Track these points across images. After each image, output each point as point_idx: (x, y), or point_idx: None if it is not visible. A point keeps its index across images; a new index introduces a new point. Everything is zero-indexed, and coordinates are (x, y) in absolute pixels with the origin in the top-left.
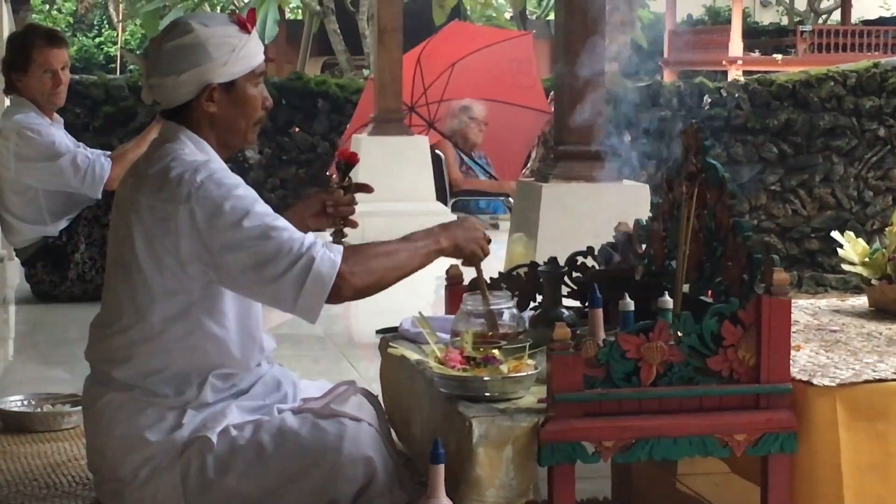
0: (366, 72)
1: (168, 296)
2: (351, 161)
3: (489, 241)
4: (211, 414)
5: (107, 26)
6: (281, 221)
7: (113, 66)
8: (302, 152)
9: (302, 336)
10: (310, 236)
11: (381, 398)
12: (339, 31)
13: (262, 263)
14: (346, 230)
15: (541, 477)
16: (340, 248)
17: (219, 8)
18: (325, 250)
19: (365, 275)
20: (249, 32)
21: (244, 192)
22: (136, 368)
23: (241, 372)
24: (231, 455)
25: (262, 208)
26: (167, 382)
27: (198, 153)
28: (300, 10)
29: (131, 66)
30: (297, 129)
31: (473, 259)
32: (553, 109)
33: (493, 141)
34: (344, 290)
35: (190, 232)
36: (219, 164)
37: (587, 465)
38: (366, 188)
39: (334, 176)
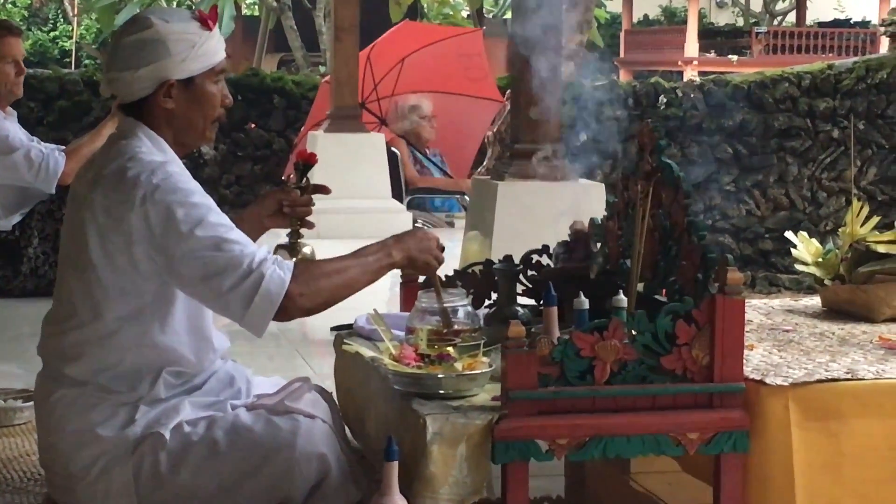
0: (322, 69)
1: (121, 295)
2: (309, 162)
3: (443, 248)
4: (164, 410)
5: (62, 20)
6: (234, 234)
7: (68, 60)
8: (257, 149)
9: None
10: (262, 251)
11: (335, 395)
12: (295, 27)
13: (211, 275)
14: (303, 230)
15: (494, 475)
16: (291, 265)
17: (175, 3)
18: (275, 268)
19: (313, 295)
20: (210, 29)
21: (199, 200)
22: (88, 365)
23: (194, 371)
24: (184, 451)
25: (216, 218)
26: (120, 378)
27: (155, 151)
28: (257, 7)
29: (87, 61)
30: (252, 126)
31: (427, 270)
32: (509, 108)
33: (447, 134)
34: (291, 310)
35: (143, 235)
36: (176, 167)
37: (541, 463)
38: (323, 189)
39: (292, 176)
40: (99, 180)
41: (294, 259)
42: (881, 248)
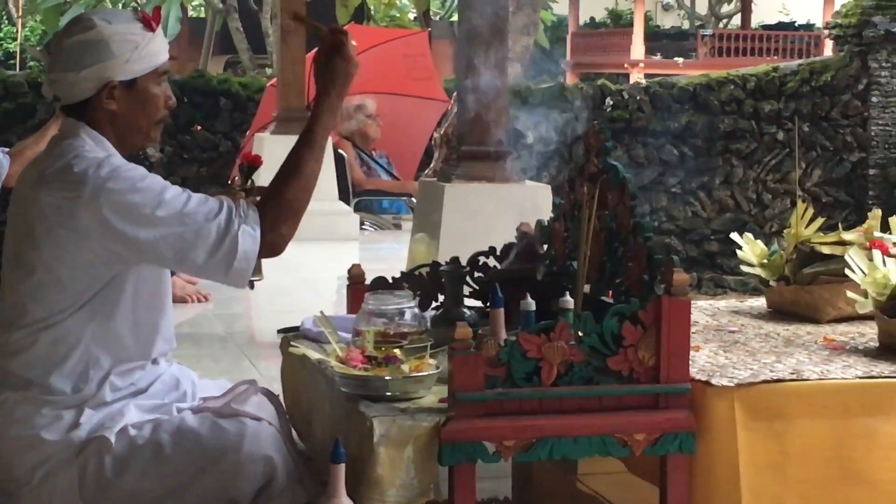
0: (269, 70)
1: (72, 290)
2: (254, 164)
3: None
4: (109, 413)
5: (6, 22)
6: (193, 202)
7: (12, 62)
8: (204, 151)
9: (203, 335)
10: (224, 210)
11: (282, 398)
12: (241, 29)
13: (184, 252)
14: None
15: (442, 476)
16: (257, 216)
17: (121, 5)
18: (243, 227)
19: (288, 228)
20: (154, 30)
21: (149, 182)
22: (35, 363)
23: (140, 361)
24: (129, 455)
25: (171, 193)
26: (65, 379)
27: (98, 150)
28: (203, 8)
29: (31, 63)
30: (199, 128)
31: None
32: (456, 110)
33: (393, 136)
34: (274, 252)
35: (97, 229)
36: (119, 160)
37: (488, 465)
38: None
39: (237, 178)
40: (44, 179)
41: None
42: (826, 250)
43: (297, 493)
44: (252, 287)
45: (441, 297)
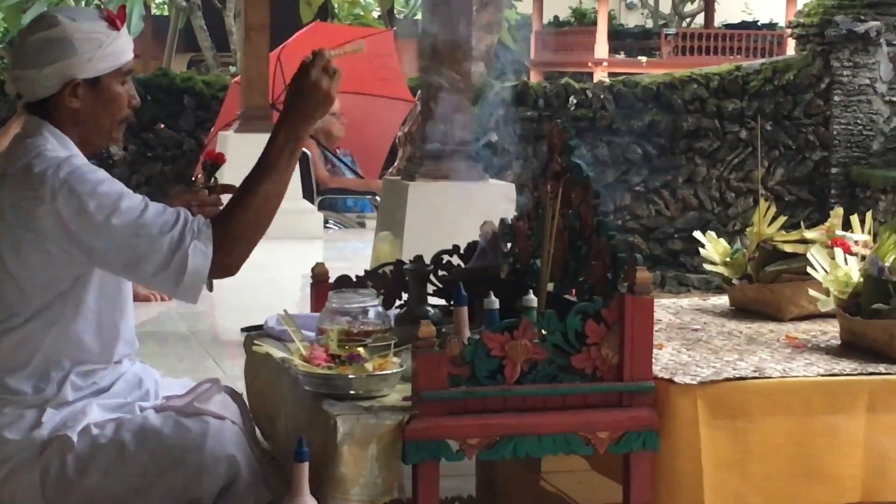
0: (233, 69)
1: (33, 291)
2: (218, 161)
3: (335, 71)
4: (71, 412)
5: None
6: (149, 214)
7: None
8: (167, 149)
9: (166, 334)
10: (179, 224)
11: (245, 396)
12: (205, 27)
13: (135, 262)
14: None
15: (405, 475)
16: (210, 233)
17: (84, 2)
18: (196, 243)
19: (241, 251)
20: (118, 29)
21: (109, 188)
22: None
23: (102, 364)
24: (92, 454)
25: (128, 203)
26: (27, 379)
27: (60, 148)
28: (166, 6)
29: None
30: (162, 126)
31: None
32: (419, 109)
33: (358, 134)
34: (225, 272)
35: (56, 231)
36: (81, 161)
37: (452, 463)
38: (231, 189)
39: (200, 176)
40: (4, 179)
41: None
42: (788, 248)
43: (260, 493)
44: (210, 289)
45: (405, 296)
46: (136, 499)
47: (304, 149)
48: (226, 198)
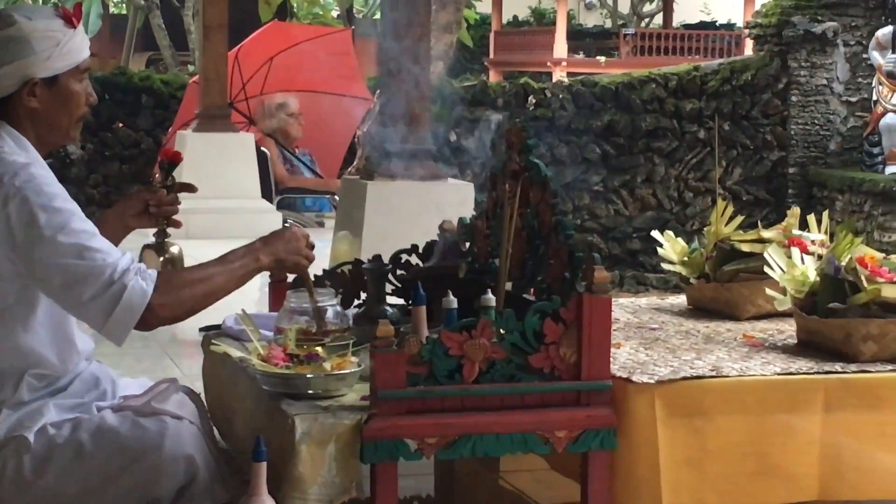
0: (191, 67)
1: None
2: (174, 160)
3: (312, 247)
4: (27, 413)
5: None
6: (97, 241)
7: None
8: (125, 148)
9: None
10: (125, 260)
11: (203, 396)
12: (163, 26)
13: (72, 284)
14: (170, 230)
15: (364, 474)
16: (154, 275)
17: (41, 1)
18: (137, 279)
19: (175, 306)
20: (75, 27)
21: (63, 205)
22: None
23: (59, 373)
24: (48, 454)
25: (79, 224)
26: None
27: (18, 151)
28: (124, 5)
29: None
30: (120, 125)
31: (298, 270)
32: (378, 108)
33: (316, 134)
34: (152, 321)
35: (4, 238)
36: (41, 170)
37: (410, 463)
38: (189, 188)
39: (157, 175)
40: None
41: (159, 265)
42: (745, 247)
43: (218, 493)
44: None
45: (363, 295)
46: (94, 499)
47: (263, 148)
48: (187, 198)
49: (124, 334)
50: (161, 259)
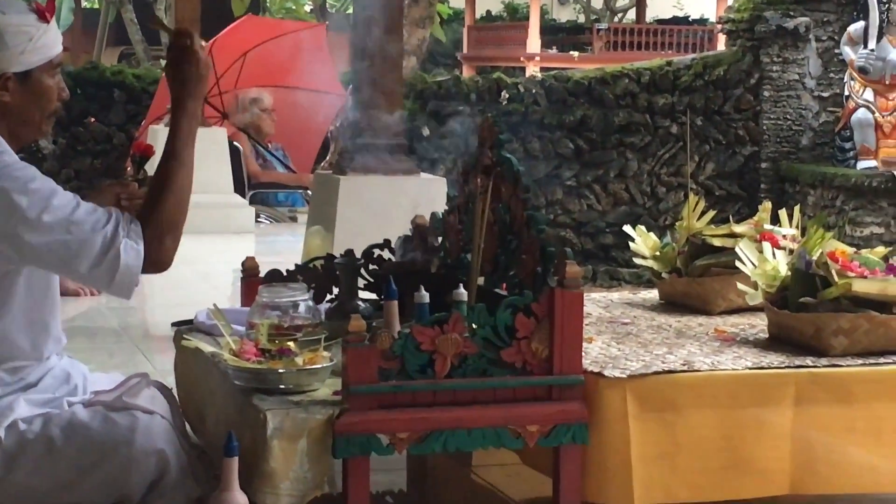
0: (163, 62)
1: None
2: (146, 154)
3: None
4: None
5: None
6: (81, 211)
7: None
8: (97, 143)
9: (97, 329)
10: (112, 223)
11: (175, 391)
12: (136, 20)
13: (68, 260)
14: None
15: (336, 469)
16: (140, 229)
17: None
18: (127, 242)
19: (172, 241)
20: (48, 21)
21: (40, 185)
22: None
23: (31, 362)
24: (19, 450)
25: (60, 200)
26: None
27: None
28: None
29: None
30: (92, 120)
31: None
32: (351, 103)
33: (289, 129)
34: (162, 268)
35: None
36: (11, 158)
37: (382, 458)
38: None
39: (129, 169)
40: None
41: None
42: (717, 242)
43: (189, 487)
44: (128, 297)
45: (335, 290)
46: (65, 494)
47: (236, 143)
48: None
49: (131, 291)
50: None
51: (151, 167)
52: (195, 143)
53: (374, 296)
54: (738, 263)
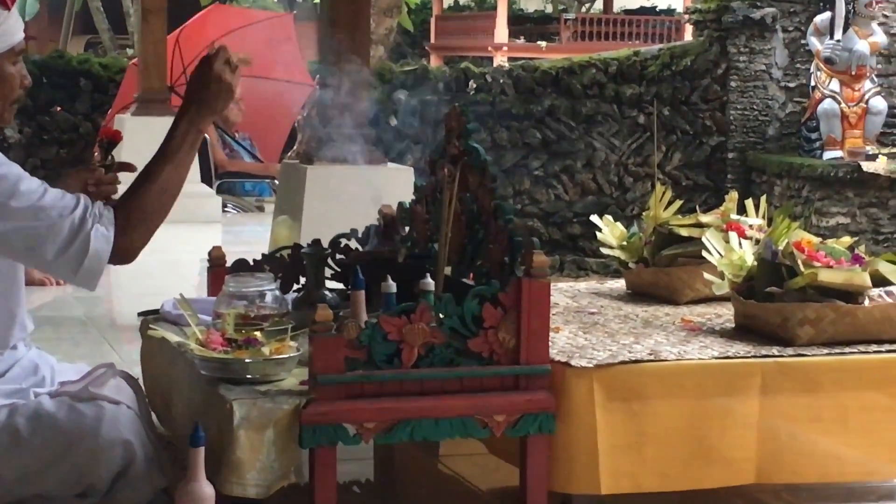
0: (130, 51)
1: None
2: (114, 139)
3: (235, 67)
4: None
5: None
6: (49, 197)
7: None
8: (63, 132)
9: (63, 319)
10: (80, 208)
11: (141, 381)
12: (102, 9)
13: (34, 246)
14: None
15: (303, 459)
16: (112, 217)
17: None
18: (97, 227)
19: (142, 235)
20: (9, 9)
21: (6, 171)
22: None
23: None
24: None
25: (27, 185)
26: None
27: None
28: None
29: None
30: (58, 109)
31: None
32: (318, 92)
33: (257, 118)
34: (126, 257)
35: None
36: None
37: (349, 447)
38: (128, 167)
39: (97, 155)
40: None
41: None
42: (683, 232)
43: (155, 478)
44: (93, 288)
45: (302, 280)
46: (31, 485)
47: None
48: (123, 176)
49: (96, 280)
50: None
51: (119, 153)
52: (192, 151)
53: (341, 285)
54: (704, 253)
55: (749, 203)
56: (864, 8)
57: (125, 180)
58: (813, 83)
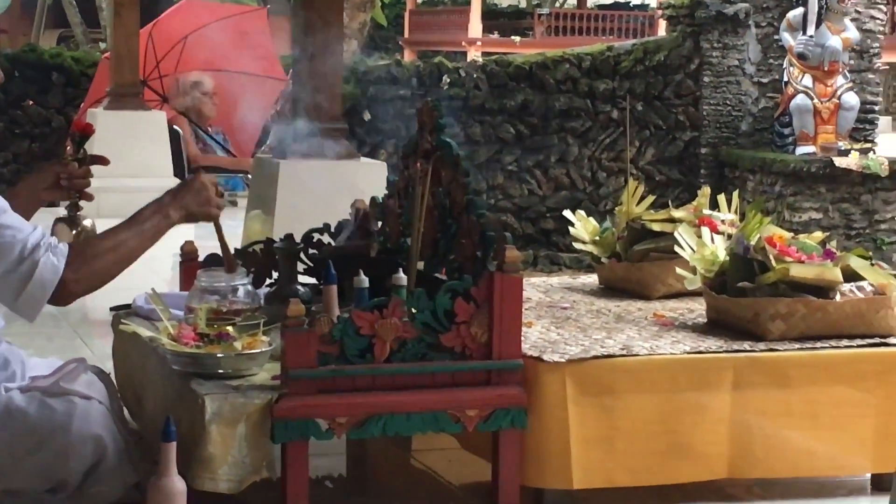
0: (102, 45)
1: None
2: (86, 133)
3: (221, 194)
4: None
5: None
6: (7, 218)
7: None
8: (36, 126)
9: None
10: (36, 235)
11: (113, 376)
12: (74, 2)
13: None
14: (82, 203)
15: (275, 454)
16: (65, 250)
17: None
18: (48, 255)
19: (88, 279)
20: None
21: None
22: None
23: None
24: None
25: None
26: None
27: None
28: None
29: None
30: (30, 103)
31: (208, 220)
32: (291, 86)
33: (230, 113)
34: (66, 296)
35: None
36: None
37: (322, 442)
38: (101, 160)
39: (69, 148)
40: None
41: (72, 238)
42: (656, 227)
43: (127, 473)
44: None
45: (275, 274)
46: (2, 480)
47: (176, 126)
48: (99, 176)
49: (36, 310)
50: (73, 232)
51: (91, 147)
52: (155, 234)
53: (313, 280)
54: (676, 248)
55: (721, 198)
56: (837, 4)
57: (98, 174)
58: (786, 79)
